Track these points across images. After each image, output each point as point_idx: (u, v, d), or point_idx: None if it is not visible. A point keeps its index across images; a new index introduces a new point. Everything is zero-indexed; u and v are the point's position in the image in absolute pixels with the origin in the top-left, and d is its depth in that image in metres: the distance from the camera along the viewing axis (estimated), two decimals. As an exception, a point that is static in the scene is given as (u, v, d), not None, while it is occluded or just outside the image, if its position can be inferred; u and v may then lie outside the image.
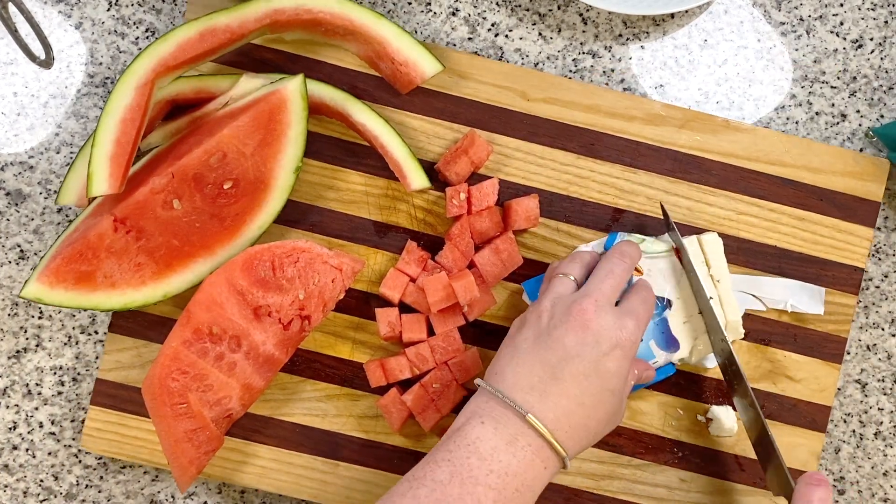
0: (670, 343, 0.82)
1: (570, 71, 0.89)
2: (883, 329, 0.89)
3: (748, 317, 0.87)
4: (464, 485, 0.68)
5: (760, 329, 0.87)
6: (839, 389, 0.89)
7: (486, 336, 0.86)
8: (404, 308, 0.85)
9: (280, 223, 0.85)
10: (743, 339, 0.87)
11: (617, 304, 0.76)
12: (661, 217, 0.86)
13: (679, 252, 0.82)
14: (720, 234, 0.85)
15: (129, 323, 0.85)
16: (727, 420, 0.85)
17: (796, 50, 0.90)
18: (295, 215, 0.86)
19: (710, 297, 0.82)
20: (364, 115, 0.84)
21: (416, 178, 0.84)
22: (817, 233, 0.87)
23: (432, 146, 0.86)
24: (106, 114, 0.77)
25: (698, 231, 0.86)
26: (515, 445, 0.70)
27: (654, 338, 0.82)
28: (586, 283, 0.75)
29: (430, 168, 0.86)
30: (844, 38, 0.90)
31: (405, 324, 0.84)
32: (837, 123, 0.88)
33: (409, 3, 0.89)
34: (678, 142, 0.87)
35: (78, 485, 0.87)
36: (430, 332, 0.85)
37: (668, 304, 0.82)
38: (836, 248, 0.87)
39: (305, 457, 0.85)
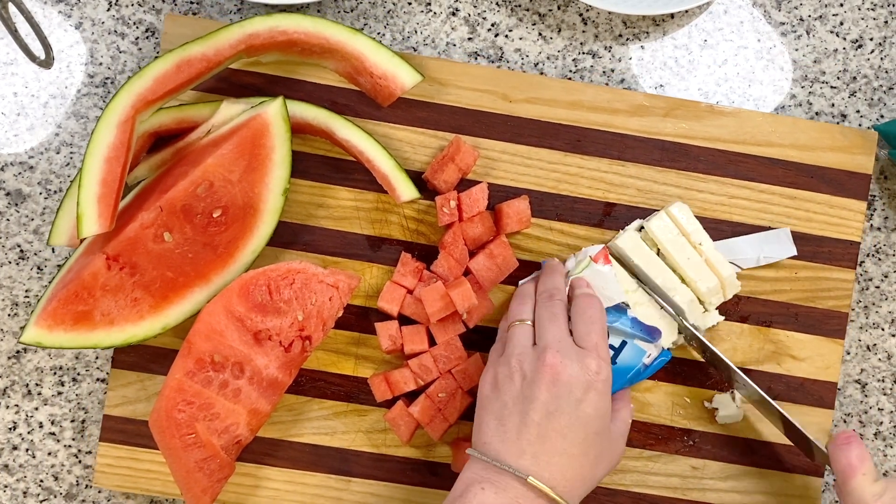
0: (652, 333, 0.82)
1: (570, 71, 0.89)
2: (883, 329, 0.89)
3: (748, 300, 0.87)
4: None
5: (761, 311, 0.87)
6: (839, 390, 0.89)
7: (487, 341, 0.86)
8: (404, 320, 0.86)
9: (273, 246, 0.86)
10: (744, 322, 0.87)
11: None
12: (652, 209, 0.86)
13: (609, 253, 0.83)
14: (713, 220, 0.85)
15: (131, 357, 0.85)
16: (730, 407, 0.86)
17: (796, 50, 0.90)
18: (287, 236, 0.86)
19: (697, 258, 0.83)
20: (348, 131, 0.84)
21: (405, 190, 0.84)
22: (810, 210, 0.87)
23: (418, 156, 0.86)
24: (89, 154, 0.77)
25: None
26: None
27: (635, 336, 0.82)
28: (539, 335, 0.76)
29: (417, 178, 0.86)
30: (844, 38, 0.90)
31: (406, 336, 0.84)
32: (837, 123, 0.88)
33: (409, 3, 0.88)
34: (664, 131, 0.87)
35: (78, 485, 0.87)
36: (432, 342, 0.85)
37: (626, 305, 0.82)
38: (830, 223, 0.87)
39: (318, 476, 0.85)
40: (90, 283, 0.79)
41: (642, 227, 0.84)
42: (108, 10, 0.87)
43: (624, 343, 0.82)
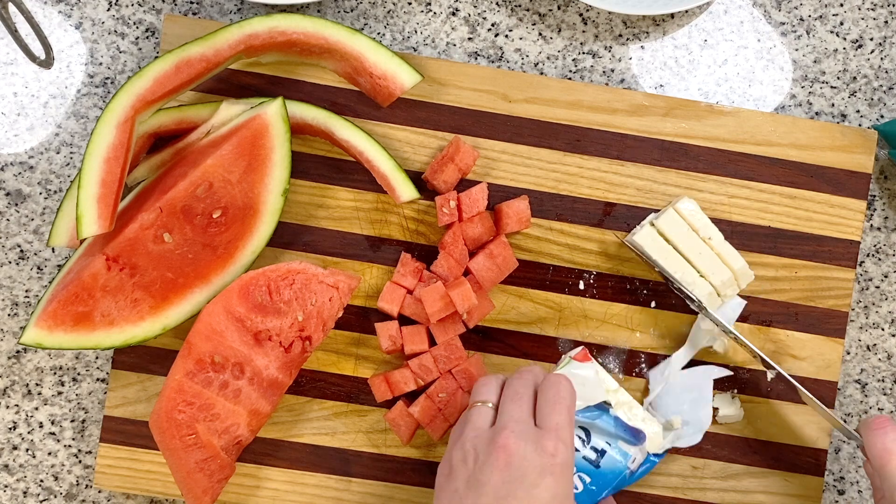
0: (636, 434, 0.82)
1: (570, 71, 0.89)
2: (883, 329, 0.89)
3: (747, 299, 0.87)
4: None
5: (761, 310, 0.87)
6: (839, 390, 0.89)
7: (487, 341, 0.86)
8: (404, 320, 0.86)
9: (273, 246, 0.86)
10: (744, 321, 0.87)
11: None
12: (652, 209, 0.86)
13: (588, 352, 0.83)
14: (713, 220, 0.85)
15: (131, 358, 0.85)
16: (730, 407, 0.86)
17: (796, 50, 0.90)
18: (287, 237, 0.86)
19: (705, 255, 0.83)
20: (347, 132, 0.84)
21: (405, 190, 0.84)
22: (810, 209, 0.87)
23: (418, 156, 0.86)
24: (89, 154, 0.77)
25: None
26: None
27: (619, 437, 0.82)
28: (499, 415, 0.73)
29: (417, 178, 0.86)
30: (844, 38, 0.90)
31: (406, 336, 0.84)
32: (837, 123, 0.88)
33: (409, 3, 0.88)
34: (663, 130, 0.87)
35: (78, 485, 0.87)
36: (432, 342, 0.85)
37: (608, 404, 0.82)
38: (831, 223, 0.87)
39: (318, 476, 0.85)
40: (90, 284, 0.79)
41: (652, 224, 0.84)
42: (108, 10, 0.87)
43: (608, 445, 0.81)
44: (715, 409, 0.86)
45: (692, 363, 0.86)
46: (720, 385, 0.87)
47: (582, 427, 0.82)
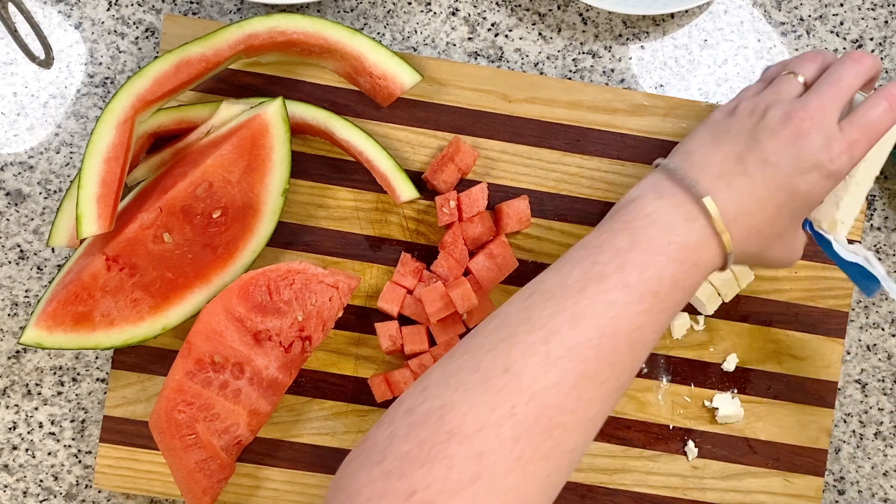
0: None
1: (570, 71, 0.89)
2: (883, 329, 0.89)
3: (748, 299, 0.87)
4: (645, 253, 0.65)
5: (761, 311, 0.87)
6: (839, 390, 0.89)
7: (487, 341, 0.86)
8: (404, 320, 0.86)
9: (273, 246, 0.85)
10: (744, 321, 0.87)
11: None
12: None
13: None
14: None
15: (130, 358, 0.85)
16: (731, 407, 0.86)
17: (796, 50, 0.90)
18: (287, 237, 0.86)
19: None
20: (347, 132, 0.84)
21: (405, 190, 0.84)
22: (810, 209, 0.87)
23: (418, 156, 0.86)
24: (89, 154, 0.77)
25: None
26: (695, 223, 0.67)
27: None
28: (809, 92, 0.70)
29: (417, 178, 0.86)
30: (844, 38, 0.90)
31: (406, 336, 0.84)
32: None
33: (409, 3, 0.88)
34: (664, 130, 0.87)
35: (78, 485, 0.87)
36: (432, 342, 0.85)
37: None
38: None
39: (318, 476, 0.85)
40: (90, 284, 0.79)
41: None
42: (108, 10, 0.87)
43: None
44: (715, 410, 0.86)
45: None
46: (720, 385, 0.87)
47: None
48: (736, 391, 0.87)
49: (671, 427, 0.87)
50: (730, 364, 0.87)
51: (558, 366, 0.62)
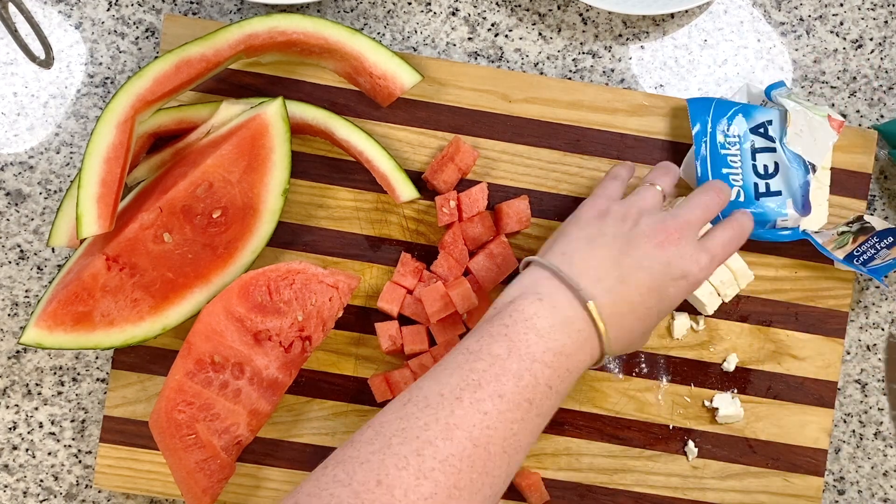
0: (805, 206, 0.84)
1: (570, 71, 0.89)
2: (883, 329, 0.89)
3: (747, 299, 0.87)
4: (522, 360, 0.67)
5: (761, 310, 0.87)
6: (839, 389, 0.89)
7: (487, 341, 0.86)
8: (404, 320, 0.86)
9: (273, 246, 0.86)
10: (744, 321, 0.87)
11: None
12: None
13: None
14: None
15: (130, 358, 0.85)
16: (731, 407, 0.86)
17: (796, 50, 0.90)
18: (287, 237, 0.86)
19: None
20: (347, 132, 0.84)
21: (405, 190, 0.84)
22: (810, 209, 0.87)
23: (418, 156, 0.86)
24: (89, 154, 0.77)
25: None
26: (571, 327, 0.69)
27: (792, 197, 0.84)
28: (679, 206, 0.75)
29: (417, 178, 0.86)
30: (844, 38, 0.90)
31: (406, 336, 0.84)
32: None
33: (409, 3, 0.88)
34: (664, 130, 0.87)
35: (78, 485, 0.87)
36: (432, 342, 0.85)
37: (812, 168, 0.84)
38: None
39: (318, 476, 0.85)
40: (90, 284, 0.79)
41: None
42: (108, 10, 0.87)
43: (777, 168, 0.83)
44: (715, 410, 0.86)
45: None
46: (720, 385, 0.87)
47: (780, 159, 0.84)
48: (736, 391, 0.87)
49: (671, 427, 0.87)
50: (730, 364, 0.87)
51: (431, 478, 0.63)
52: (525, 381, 0.67)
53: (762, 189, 0.84)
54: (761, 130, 0.84)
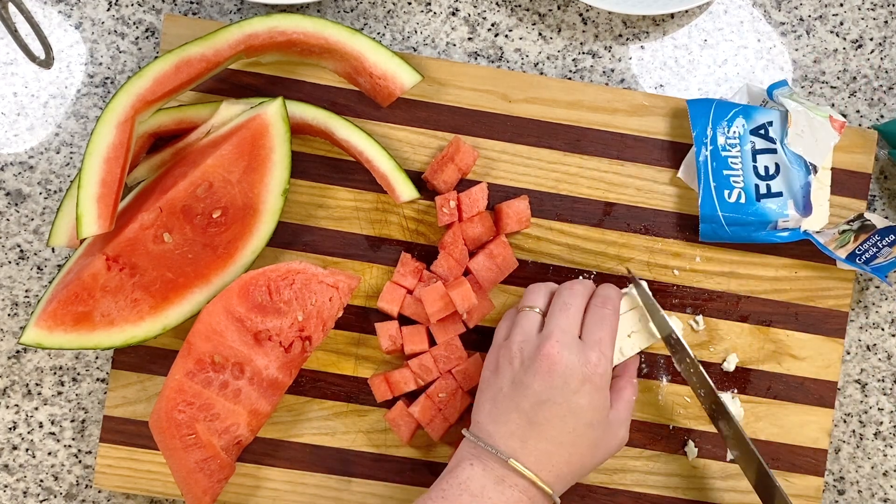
0: (806, 207, 0.84)
1: (570, 71, 0.89)
2: (883, 329, 0.89)
3: (747, 299, 0.87)
4: None
5: (761, 310, 0.87)
6: (839, 389, 0.89)
7: (487, 341, 0.86)
8: (404, 320, 0.86)
9: (273, 246, 0.86)
10: (744, 321, 0.87)
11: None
12: (652, 208, 0.86)
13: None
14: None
15: (131, 358, 0.85)
16: (731, 407, 0.86)
17: (796, 50, 0.90)
18: (287, 237, 0.86)
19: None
20: (347, 132, 0.84)
21: (405, 190, 0.84)
22: (810, 209, 0.87)
23: (418, 156, 0.86)
24: (89, 154, 0.77)
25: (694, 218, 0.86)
26: (503, 485, 0.73)
27: (793, 198, 0.84)
28: (546, 323, 0.77)
29: (417, 178, 0.86)
30: (844, 38, 0.90)
31: (406, 336, 0.84)
32: None
33: (409, 3, 0.88)
34: (664, 130, 0.87)
35: (78, 485, 0.87)
36: (432, 342, 0.85)
37: (814, 168, 0.84)
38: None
39: (318, 476, 0.85)
40: (90, 284, 0.79)
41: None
42: (108, 10, 0.87)
43: (778, 169, 0.84)
44: (715, 409, 0.86)
45: None
46: (720, 385, 0.87)
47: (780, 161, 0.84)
48: (736, 391, 0.87)
49: (671, 427, 0.87)
50: (730, 364, 0.87)
51: None
52: None
53: (763, 190, 0.84)
54: (762, 132, 0.84)
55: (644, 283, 0.81)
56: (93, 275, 0.79)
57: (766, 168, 0.84)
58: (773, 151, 0.84)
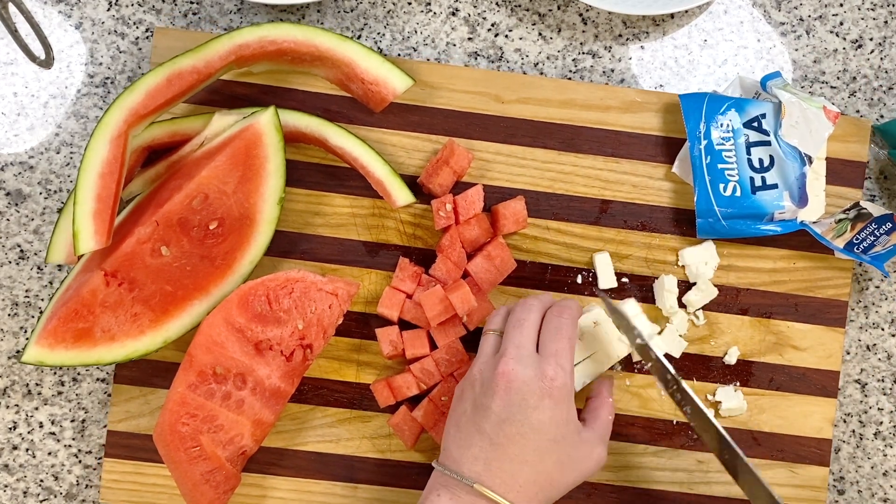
0: (801, 198, 0.84)
1: (570, 71, 0.89)
2: (883, 329, 0.89)
3: (747, 291, 0.87)
4: None
5: (760, 302, 0.87)
6: (839, 389, 0.89)
7: (488, 343, 0.86)
8: (404, 325, 0.86)
9: (271, 255, 0.86)
10: (744, 314, 0.87)
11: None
12: (647, 204, 0.86)
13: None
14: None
15: (132, 372, 0.85)
16: (733, 400, 0.86)
17: (796, 50, 0.90)
18: (285, 246, 0.86)
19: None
20: (341, 139, 0.84)
21: (401, 195, 0.84)
22: (806, 200, 0.87)
23: (413, 160, 0.86)
24: (83, 170, 0.77)
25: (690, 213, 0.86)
26: None
27: (789, 189, 0.84)
28: (502, 342, 0.76)
29: (413, 182, 0.86)
30: (844, 38, 0.90)
31: (407, 341, 0.84)
32: None
33: (409, 3, 0.88)
34: (657, 126, 0.87)
35: (78, 485, 0.87)
36: (433, 346, 0.85)
37: (808, 159, 0.84)
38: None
39: (324, 483, 0.85)
40: (89, 301, 0.79)
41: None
42: (108, 10, 0.87)
43: (772, 161, 0.84)
44: (718, 403, 0.86)
45: None
46: (723, 378, 0.87)
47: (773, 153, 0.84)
48: (738, 384, 0.87)
49: (675, 422, 0.87)
50: (731, 357, 0.87)
51: None
52: None
53: (758, 183, 0.84)
54: (755, 124, 0.84)
55: (605, 294, 0.82)
56: (92, 291, 0.79)
57: (761, 160, 0.84)
58: (767, 144, 0.84)
